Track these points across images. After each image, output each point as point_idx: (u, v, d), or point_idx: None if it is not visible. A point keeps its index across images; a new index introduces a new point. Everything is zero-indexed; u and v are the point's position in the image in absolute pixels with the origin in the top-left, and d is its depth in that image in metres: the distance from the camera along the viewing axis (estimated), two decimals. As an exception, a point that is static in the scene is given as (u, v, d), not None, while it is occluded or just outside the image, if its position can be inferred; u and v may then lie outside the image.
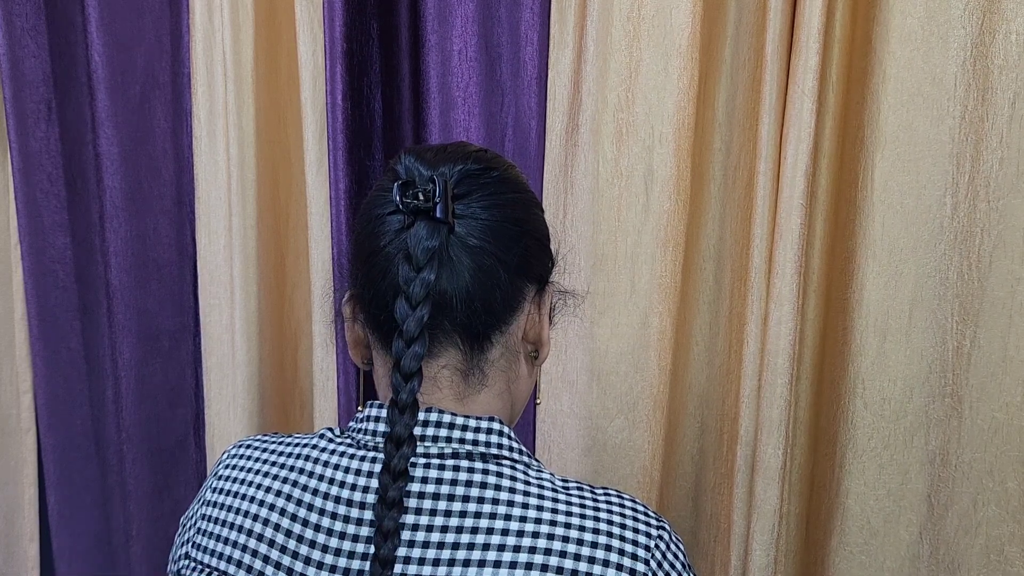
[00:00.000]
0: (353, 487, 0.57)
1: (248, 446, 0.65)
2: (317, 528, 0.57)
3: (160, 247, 1.27)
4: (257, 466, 0.62)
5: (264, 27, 1.15)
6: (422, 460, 0.57)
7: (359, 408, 0.63)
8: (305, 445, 0.62)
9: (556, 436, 1.07)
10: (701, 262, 1.05)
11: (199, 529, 0.62)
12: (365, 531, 0.56)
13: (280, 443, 0.64)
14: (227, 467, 0.64)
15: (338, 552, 0.56)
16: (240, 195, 1.14)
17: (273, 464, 0.62)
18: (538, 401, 0.69)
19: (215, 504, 0.62)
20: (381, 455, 0.58)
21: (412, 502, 0.56)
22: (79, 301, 1.32)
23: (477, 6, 1.07)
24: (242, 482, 0.62)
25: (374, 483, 0.57)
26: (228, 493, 0.62)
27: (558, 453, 1.07)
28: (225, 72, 1.13)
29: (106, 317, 1.29)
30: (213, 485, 0.64)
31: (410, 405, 0.54)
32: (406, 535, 0.55)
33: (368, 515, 0.56)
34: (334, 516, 0.57)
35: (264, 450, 0.64)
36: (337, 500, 0.57)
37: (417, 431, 0.58)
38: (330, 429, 0.62)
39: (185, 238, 1.27)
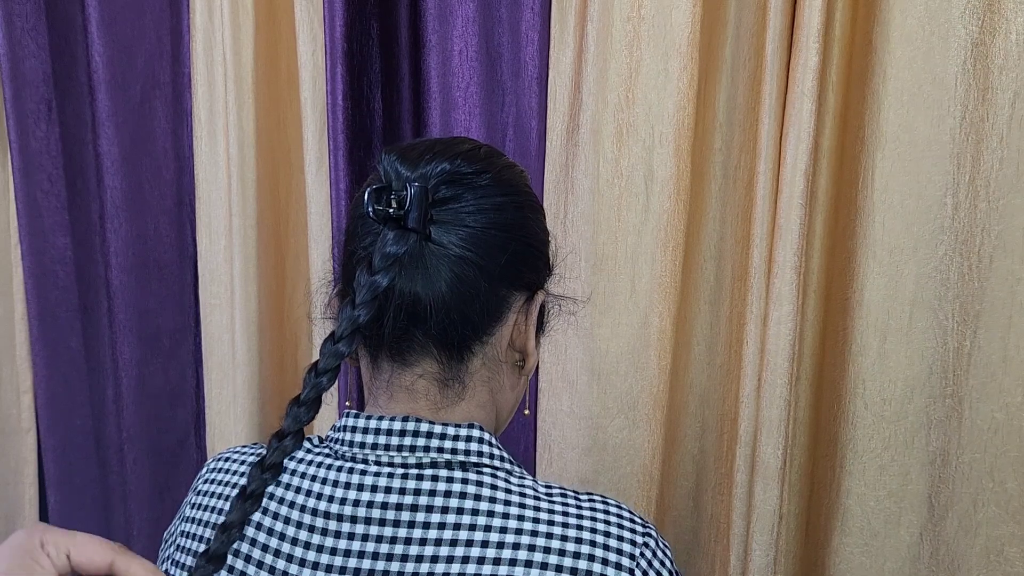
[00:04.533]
0: (330, 499, 0.56)
1: (226, 459, 0.64)
2: (294, 542, 0.56)
3: (160, 247, 1.27)
4: (234, 480, 0.61)
5: (264, 27, 1.15)
6: (400, 471, 0.56)
7: (347, 404, 0.62)
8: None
9: (556, 436, 1.07)
10: (701, 262, 1.04)
11: (178, 546, 0.61)
12: (343, 543, 0.55)
13: (258, 455, 0.62)
14: (205, 482, 0.63)
15: (316, 566, 0.55)
16: (240, 195, 1.14)
17: None
18: (526, 411, 0.67)
19: (193, 520, 0.61)
20: (358, 465, 0.57)
21: (390, 514, 0.54)
22: (79, 301, 1.31)
23: (477, 6, 1.07)
24: (219, 496, 0.61)
25: (351, 495, 0.56)
26: (205, 508, 0.61)
27: (558, 453, 1.07)
28: (225, 72, 1.13)
29: (106, 317, 1.29)
30: (192, 500, 0.63)
31: (309, 402, 0.51)
32: (384, 548, 0.54)
33: (346, 527, 0.55)
34: (311, 529, 0.56)
35: (242, 463, 0.63)
36: (314, 512, 0.56)
37: (394, 441, 0.56)
38: (308, 439, 0.61)
39: (185, 238, 1.27)
